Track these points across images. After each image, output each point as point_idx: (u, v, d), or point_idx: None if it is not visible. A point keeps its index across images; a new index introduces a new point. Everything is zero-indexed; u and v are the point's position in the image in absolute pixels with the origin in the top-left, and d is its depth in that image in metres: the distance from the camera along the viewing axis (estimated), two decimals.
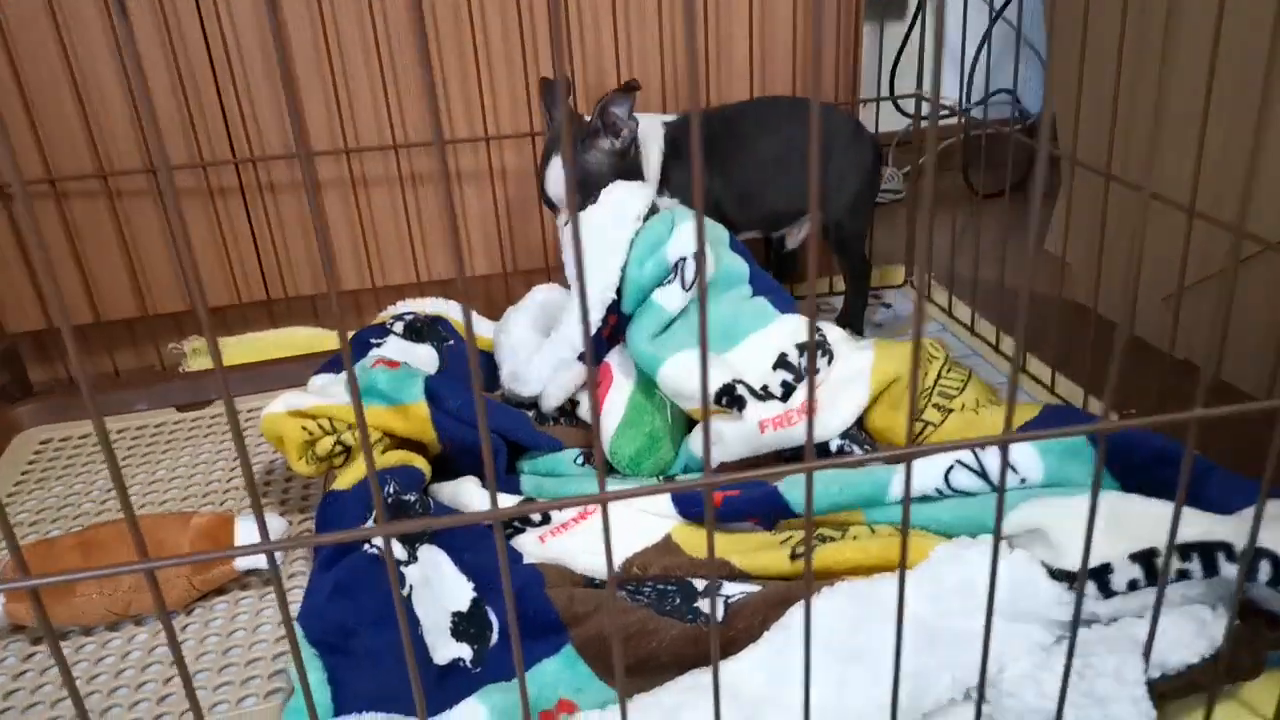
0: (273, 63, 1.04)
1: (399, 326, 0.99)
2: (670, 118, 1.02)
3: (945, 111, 1.19)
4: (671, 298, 0.83)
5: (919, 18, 1.48)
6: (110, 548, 0.69)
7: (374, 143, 1.09)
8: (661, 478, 0.82)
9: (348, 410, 0.78)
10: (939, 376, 0.84)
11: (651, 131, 0.99)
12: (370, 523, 0.70)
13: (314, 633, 0.63)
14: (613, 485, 0.80)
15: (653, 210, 0.85)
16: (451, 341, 1.02)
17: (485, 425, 0.38)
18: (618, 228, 0.83)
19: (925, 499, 0.71)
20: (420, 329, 1.00)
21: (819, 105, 0.34)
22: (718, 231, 0.89)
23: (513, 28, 1.08)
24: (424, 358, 0.96)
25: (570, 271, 0.86)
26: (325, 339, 1.16)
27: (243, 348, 1.13)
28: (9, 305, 1.07)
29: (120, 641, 0.69)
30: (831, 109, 1.07)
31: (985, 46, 1.49)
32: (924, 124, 1.29)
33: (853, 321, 1.09)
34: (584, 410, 0.90)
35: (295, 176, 1.09)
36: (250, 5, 1.02)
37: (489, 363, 1.03)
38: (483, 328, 1.07)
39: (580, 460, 0.86)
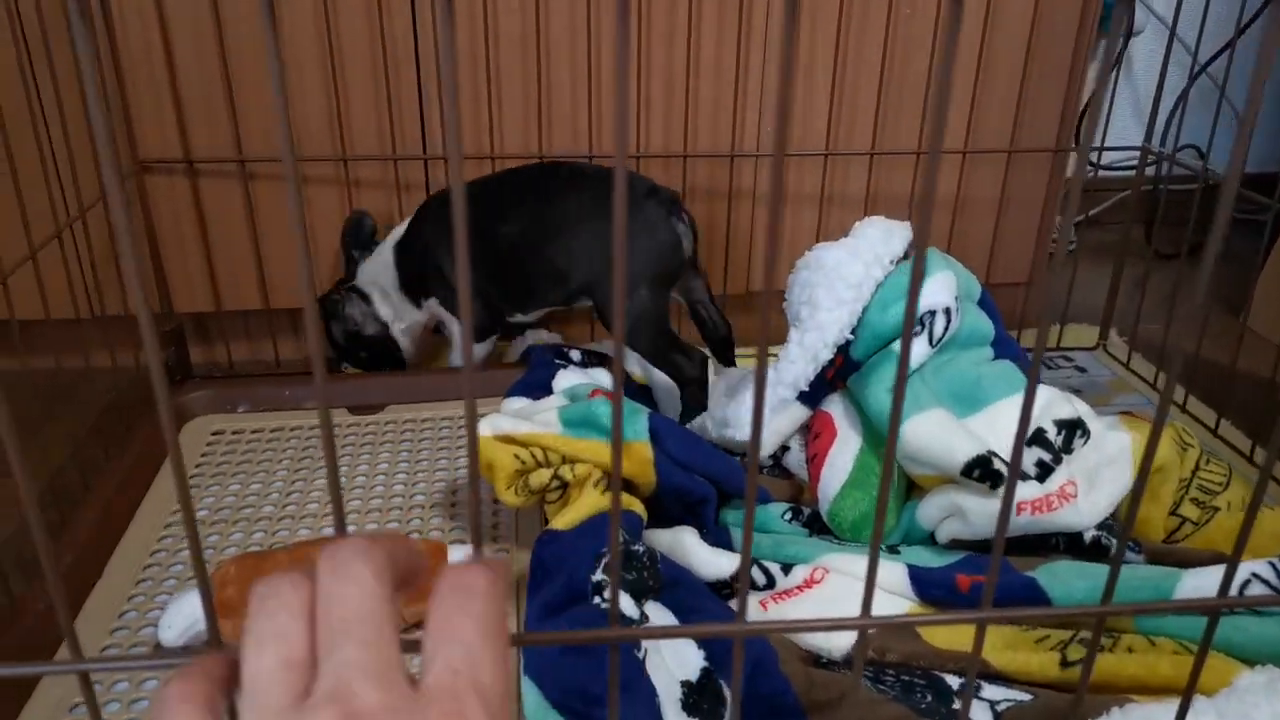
0: (477, 59, 1.00)
1: (576, 354, 0.94)
2: (400, 232, 0.99)
3: (1150, 161, 1.11)
4: (915, 351, 0.77)
5: (1118, 67, 1.40)
6: None
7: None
8: (883, 547, 0.76)
9: (564, 441, 0.73)
10: (1196, 468, 0.77)
11: (384, 270, 0.99)
12: (599, 572, 0.65)
13: (551, 692, 0.58)
14: (832, 550, 0.74)
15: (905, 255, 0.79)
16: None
17: (752, 509, 0.32)
18: (867, 266, 0.77)
19: None
20: (602, 356, 0.95)
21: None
22: (970, 286, 0.82)
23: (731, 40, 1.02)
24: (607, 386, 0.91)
25: (795, 310, 0.81)
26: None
27: None
28: (179, 285, 1.05)
29: None
30: (603, 171, 0.95)
31: (1183, 100, 1.40)
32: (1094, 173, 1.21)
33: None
34: (791, 459, 0.84)
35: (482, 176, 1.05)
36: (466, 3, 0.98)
37: (646, 399, 0.96)
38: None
39: (788, 516, 0.80)
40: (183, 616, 0.64)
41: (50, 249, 0.82)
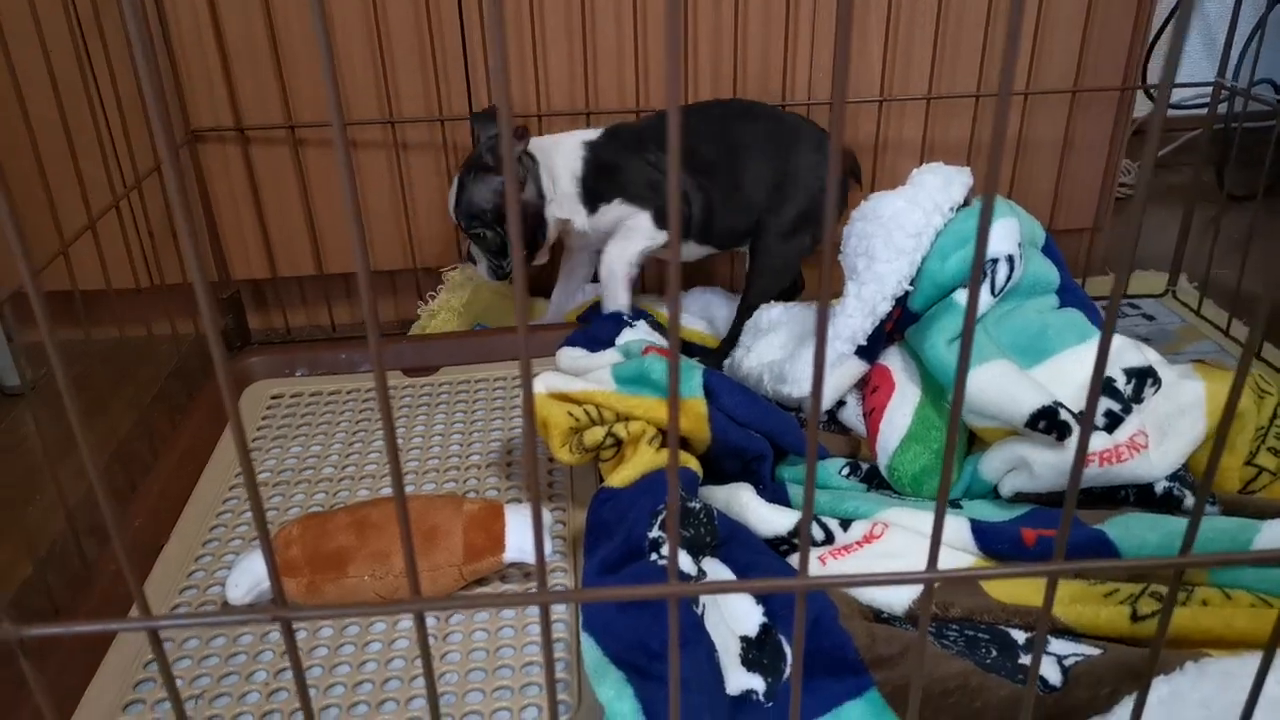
0: (521, 17, 0.98)
1: (644, 319, 0.94)
2: (592, 135, 0.95)
3: (1224, 97, 1.06)
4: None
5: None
6: (384, 530, 0.65)
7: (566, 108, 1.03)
8: None
9: (617, 399, 0.73)
10: (1274, 416, 0.74)
11: (563, 155, 0.94)
12: (656, 529, 0.65)
13: (611, 648, 0.58)
14: (892, 504, 0.73)
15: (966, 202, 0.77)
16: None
17: (813, 453, 0.31)
18: (927, 215, 0.74)
19: None
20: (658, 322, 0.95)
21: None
22: (1034, 232, 0.80)
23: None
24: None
25: (852, 262, 0.79)
26: (538, 306, 1.11)
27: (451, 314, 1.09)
28: (236, 252, 1.06)
29: (385, 626, 0.66)
30: (799, 118, 0.97)
31: (1260, 32, 1.33)
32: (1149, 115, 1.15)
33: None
34: (847, 414, 0.83)
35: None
36: None
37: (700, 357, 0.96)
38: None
39: (845, 471, 0.79)
40: (249, 575, 0.65)
41: (109, 219, 0.83)
